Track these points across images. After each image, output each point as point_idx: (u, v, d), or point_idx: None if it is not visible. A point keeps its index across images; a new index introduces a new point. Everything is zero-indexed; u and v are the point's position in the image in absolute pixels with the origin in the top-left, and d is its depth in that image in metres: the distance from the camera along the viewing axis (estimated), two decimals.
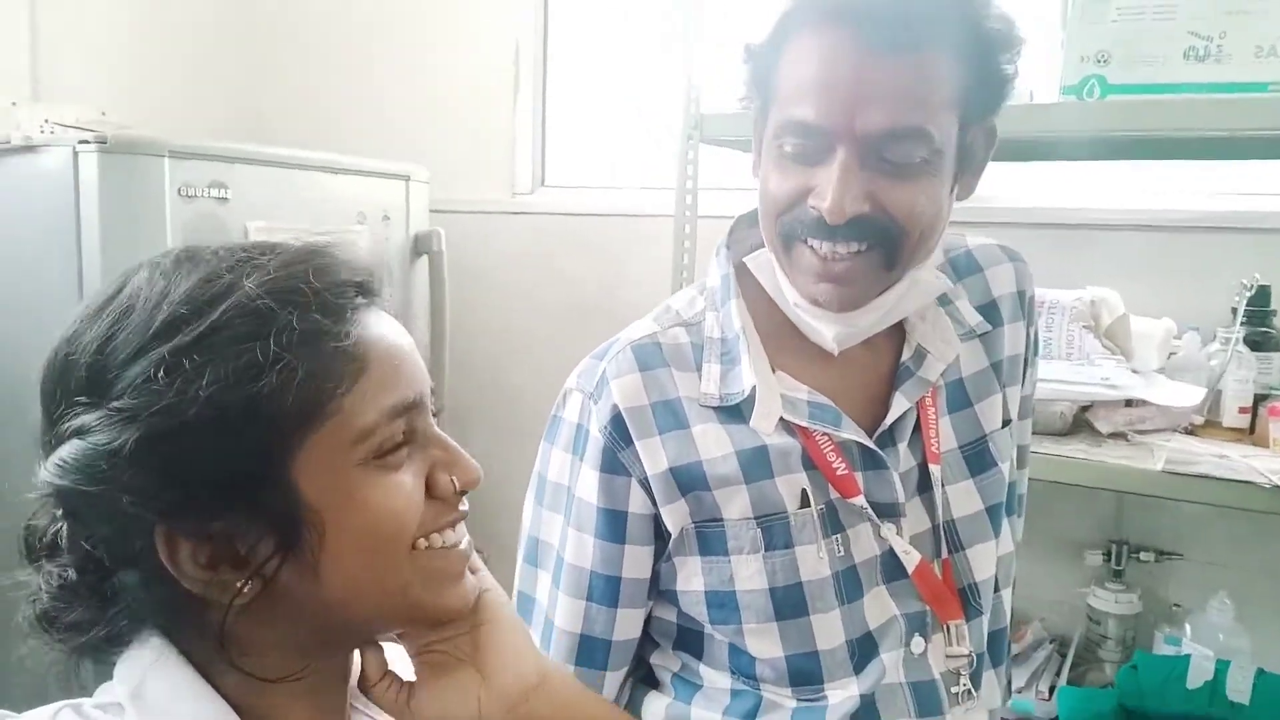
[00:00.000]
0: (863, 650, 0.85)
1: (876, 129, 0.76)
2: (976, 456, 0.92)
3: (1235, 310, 1.54)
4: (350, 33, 2.50)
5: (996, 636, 0.94)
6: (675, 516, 0.86)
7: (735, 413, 0.86)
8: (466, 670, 0.63)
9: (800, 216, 0.81)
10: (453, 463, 0.60)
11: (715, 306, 0.91)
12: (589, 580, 0.88)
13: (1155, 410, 1.44)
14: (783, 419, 0.86)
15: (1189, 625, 1.53)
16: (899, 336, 0.91)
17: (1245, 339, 1.51)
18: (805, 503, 0.84)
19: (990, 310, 0.95)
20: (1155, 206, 1.77)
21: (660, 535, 0.88)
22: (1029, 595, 1.72)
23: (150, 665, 0.57)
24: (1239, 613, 1.52)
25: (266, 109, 2.54)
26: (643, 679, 0.96)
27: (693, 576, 0.87)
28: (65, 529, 0.56)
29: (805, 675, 0.85)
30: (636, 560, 0.88)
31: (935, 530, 0.88)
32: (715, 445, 0.85)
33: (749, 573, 0.84)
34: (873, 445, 0.86)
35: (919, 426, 0.89)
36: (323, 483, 0.53)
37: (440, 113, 2.41)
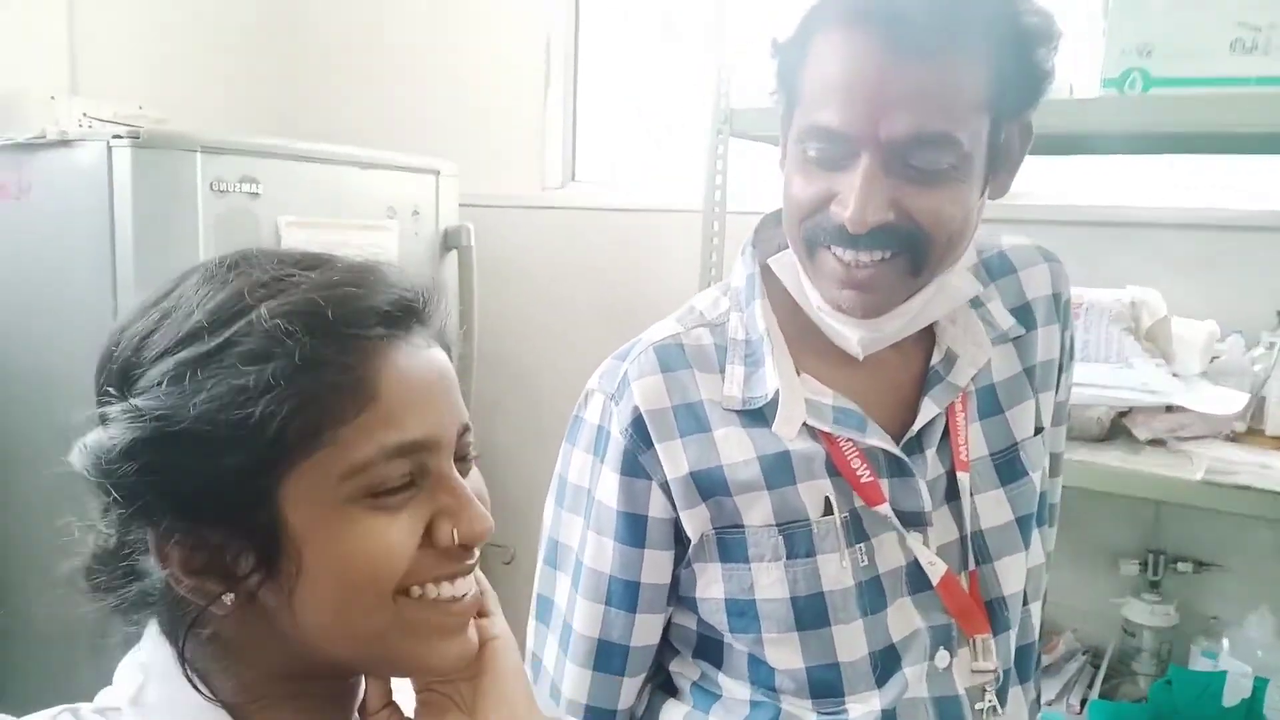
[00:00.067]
0: (885, 663, 0.83)
1: (901, 135, 0.74)
2: (1007, 465, 0.89)
3: None
4: (382, 28, 2.51)
5: (1024, 651, 0.91)
6: (695, 522, 0.84)
7: (758, 416, 0.85)
8: (461, 718, 0.60)
9: (823, 223, 0.79)
10: (459, 513, 0.56)
11: (740, 307, 0.89)
12: (608, 585, 0.88)
13: (1196, 417, 1.40)
14: (806, 424, 0.84)
15: (1227, 639, 1.48)
16: (929, 340, 0.89)
17: None
18: (828, 510, 0.83)
19: (1024, 313, 0.92)
20: (1199, 204, 1.71)
21: (680, 540, 0.86)
22: (1062, 605, 1.68)
23: (151, 670, 0.57)
24: None
25: (300, 103, 2.56)
26: (662, 685, 0.95)
27: (712, 583, 0.86)
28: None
29: (825, 687, 0.84)
30: (656, 565, 0.87)
31: (963, 541, 0.86)
32: (737, 450, 0.84)
33: (769, 581, 0.83)
34: (899, 452, 0.84)
35: (948, 433, 0.87)
36: (307, 512, 0.52)
37: (471, 107, 2.41)
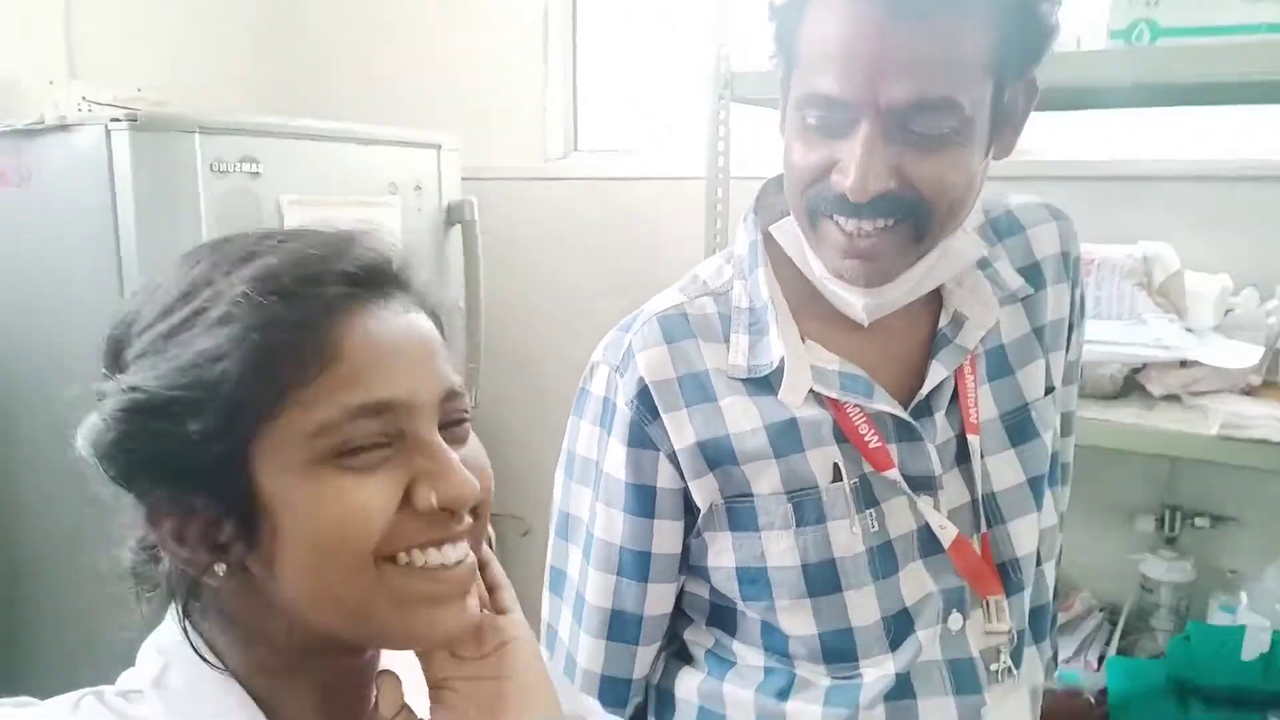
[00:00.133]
0: (898, 627, 0.83)
1: (902, 102, 0.72)
2: (1018, 426, 0.88)
3: None
4: (380, 2, 2.48)
5: (1038, 612, 0.91)
6: (704, 491, 0.84)
7: (764, 384, 0.84)
8: None
9: (824, 192, 0.78)
10: (438, 476, 0.53)
11: (743, 275, 0.88)
12: (619, 556, 0.88)
13: (1210, 371, 1.39)
14: (813, 391, 0.83)
15: (1245, 593, 1.48)
16: (936, 302, 0.88)
17: None
18: (837, 477, 0.82)
19: (1033, 272, 0.91)
20: (1210, 156, 1.68)
21: (690, 510, 0.86)
22: (1078, 562, 1.68)
23: (172, 653, 0.57)
24: None
25: (300, 80, 2.54)
26: (676, 653, 0.95)
27: (723, 552, 0.85)
28: None
29: (839, 653, 0.84)
30: (666, 535, 0.87)
31: (974, 504, 0.86)
32: (744, 418, 0.83)
33: (780, 549, 0.83)
34: (906, 417, 0.83)
35: (957, 396, 0.86)
36: (278, 475, 0.51)
37: (471, 80, 2.39)
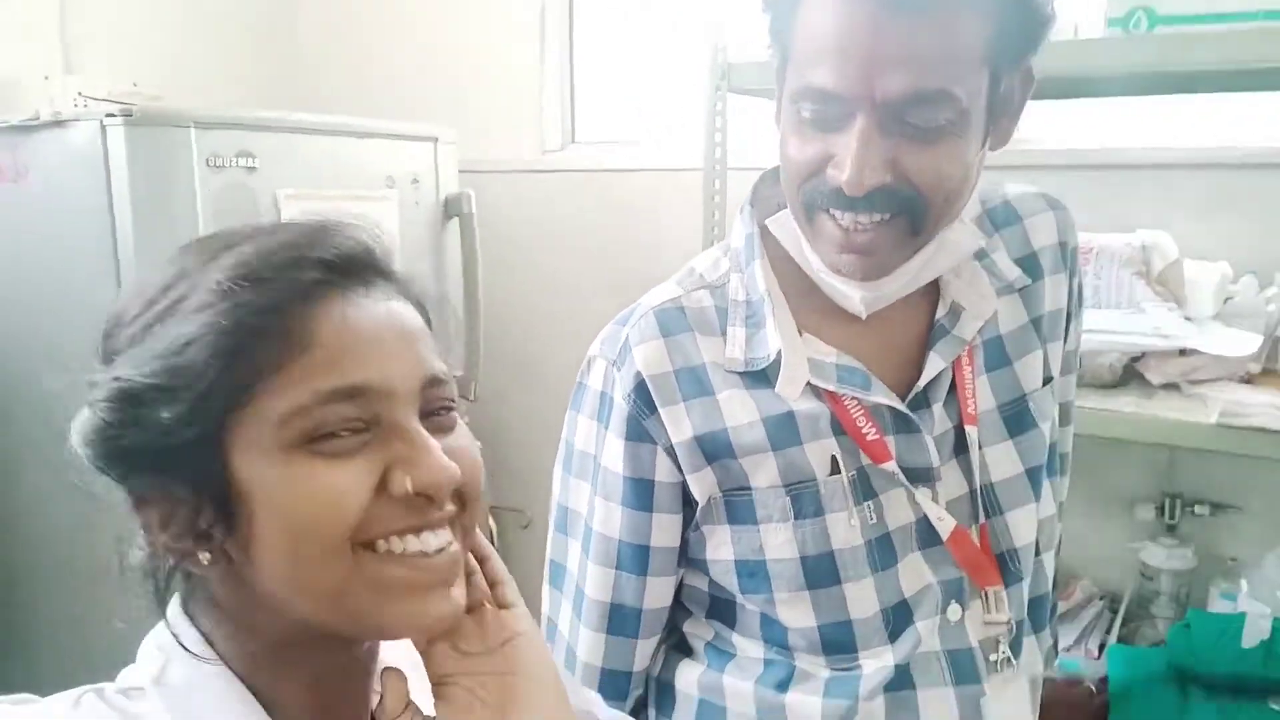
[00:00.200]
0: (897, 618, 0.83)
1: (897, 95, 0.71)
2: (1015, 417, 0.88)
3: None
4: None
5: (1038, 602, 0.91)
6: (702, 485, 0.84)
7: (761, 378, 0.84)
8: (491, 718, 0.57)
9: (820, 186, 0.77)
10: (413, 461, 0.53)
11: (740, 268, 0.88)
12: (618, 549, 0.88)
13: (1209, 359, 1.38)
14: (811, 383, 0.83)
15: (1245, 581, 1.48)
16: (933, 293, 0.88)
17: None
18: (835, 470, 0.82)
19: (1030, 263, 0.91)
20: (1209, 143, 1.68)
21: (688, 503, 0.86)
22: (1079, 551, 1.68)
23: (172, 650, 0.57)
24: None
25: (296, 74, 2.53)
26: (676, 645, 0.95)
27: (722, 545, 0.85)
28: None
29: (838, 644, 0.84)
30: (664, 529, 0.87)
31: (973, 494, 0.86)
32: (741, 412, 0.83)
33: (779, 542, 0.83)
34: (904, 409, 0.83)
35: (955, 387, 0.86)
36: (251, 461, 0.52)
37: (467, 71, 2.38)
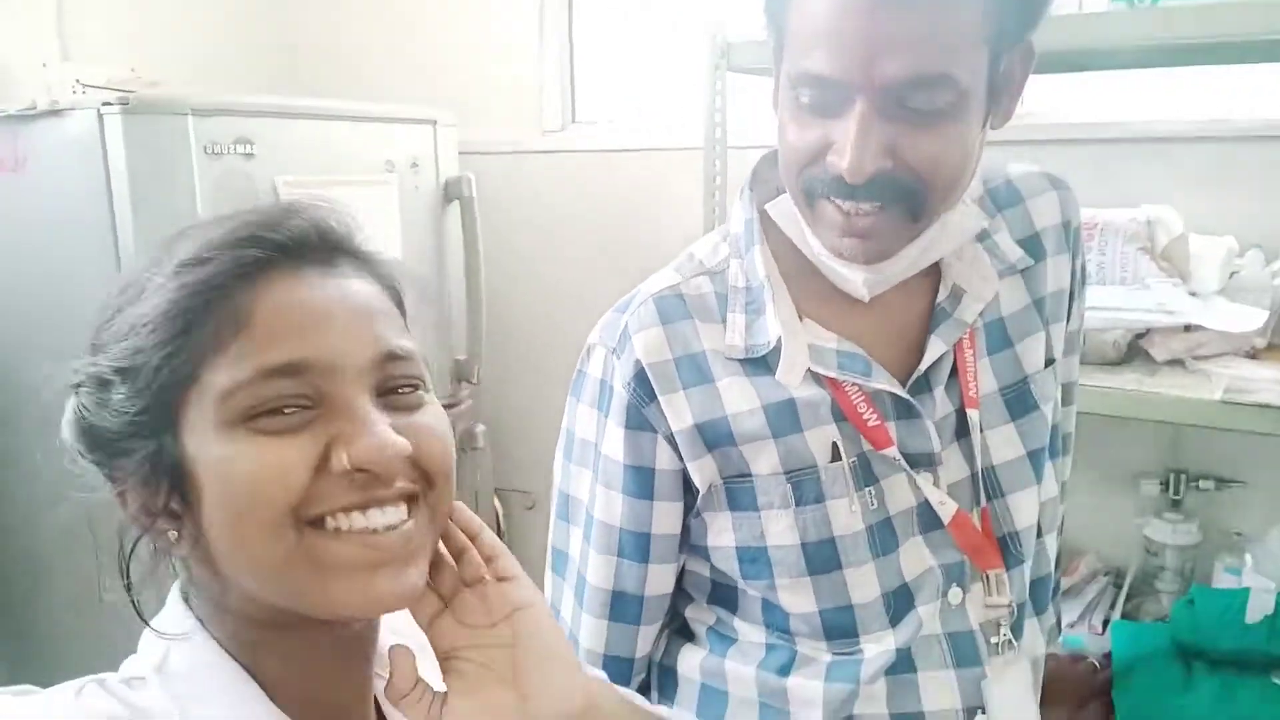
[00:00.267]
0: (899, 602, 0.83)
1: (896, 79, 0.70)
2: (1017, 399, 0.88)
3: None
4: None
5: (1040, 584, 0.91)
6: (703, 472, 0.84)
7: (762, 364, 0.83)
8: (503, 690, 0.58)
9: (820, 174, 0.76)
10: (352, 436, 0.53)
11: (739, 253, 0.88)
12: (619, 537, 0.88)
13: (1214, 335, 1.38)
14: (811, 370, 0.83)
15: (1250, 555, 1.48)
16: (934, 276, 0.87)
17: None
18: (836, 456, 0.82)
19: (1033, 243, 0.90)
20: (1214, 116, 1.65)
21: (689, 490, 0.86)
22: (1082, 526, 1.68)
23: (173, 637, 0.57)
24: None
25: (294, 58, 2.51)
26: (678, 631, 0.95)
27: (723, 532, 0.86)
28: None
29: (840, 629, 0.84)
30: (665, 516, 0.87)
31: (974, 478, 0.85)
32: (741, 399, 0.83)
33: (780, 528, 0.83)
34: (905, 394, 0.83)
35: (956, 370, 0.86)
36: (198, 439, 0.53)
37: (466, 52, 2.36)
